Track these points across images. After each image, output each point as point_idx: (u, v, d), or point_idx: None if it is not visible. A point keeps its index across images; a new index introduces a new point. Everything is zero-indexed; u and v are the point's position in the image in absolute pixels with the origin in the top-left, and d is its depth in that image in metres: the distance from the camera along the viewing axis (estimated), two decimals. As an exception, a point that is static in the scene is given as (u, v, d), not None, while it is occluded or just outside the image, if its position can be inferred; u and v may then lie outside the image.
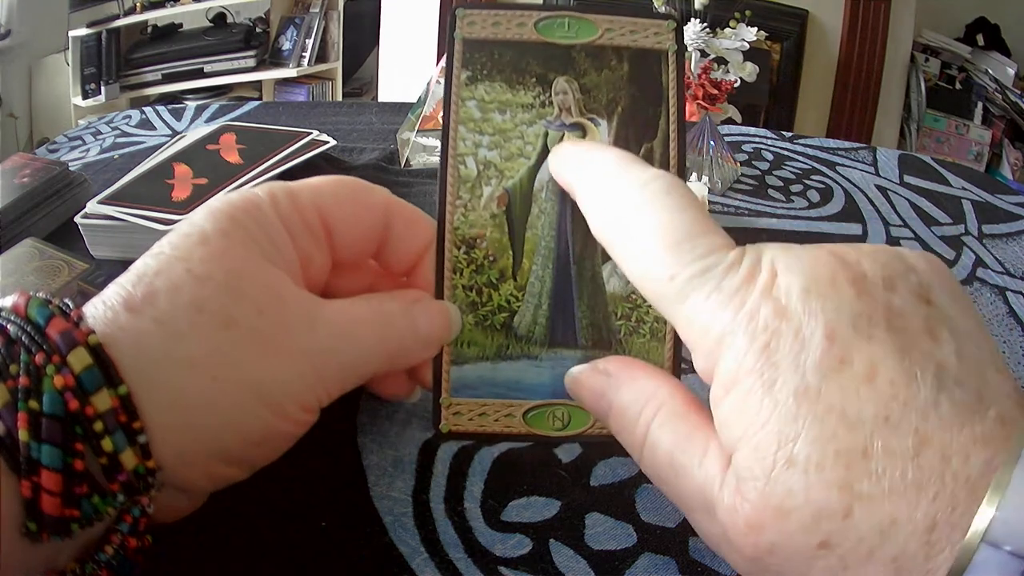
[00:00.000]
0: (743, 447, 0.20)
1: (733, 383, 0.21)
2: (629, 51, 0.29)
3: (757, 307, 0.21)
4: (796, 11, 1.83)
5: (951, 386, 0.19)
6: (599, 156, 0.26)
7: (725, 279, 0.21)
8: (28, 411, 0.20)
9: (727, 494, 0.21)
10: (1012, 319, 0.43)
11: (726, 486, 0.21)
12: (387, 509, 0.28)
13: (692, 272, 0.22)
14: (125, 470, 0.21)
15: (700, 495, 0.22)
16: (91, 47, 1.97)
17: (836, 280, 0.21)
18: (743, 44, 0.59)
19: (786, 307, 0.20)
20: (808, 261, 0.21)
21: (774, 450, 0.19)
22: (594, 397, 0.26)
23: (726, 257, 0.22)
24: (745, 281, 0.21)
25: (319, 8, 2.18)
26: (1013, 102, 1.98)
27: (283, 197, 0.26)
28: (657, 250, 0.23)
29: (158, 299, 0.22)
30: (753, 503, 0.20)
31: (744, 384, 0.20)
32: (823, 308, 0.20)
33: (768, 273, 0.21)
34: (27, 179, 0.48)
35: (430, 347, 0.27)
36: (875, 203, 0.56)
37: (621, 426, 0.25)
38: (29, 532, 0.19)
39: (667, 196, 0.23)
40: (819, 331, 0.20)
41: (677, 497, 0.24)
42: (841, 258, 0.21)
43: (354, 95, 2.33)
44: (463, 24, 0.29)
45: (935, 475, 0.18)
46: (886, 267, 0.21)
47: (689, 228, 0.23)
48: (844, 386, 0.19)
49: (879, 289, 0.21)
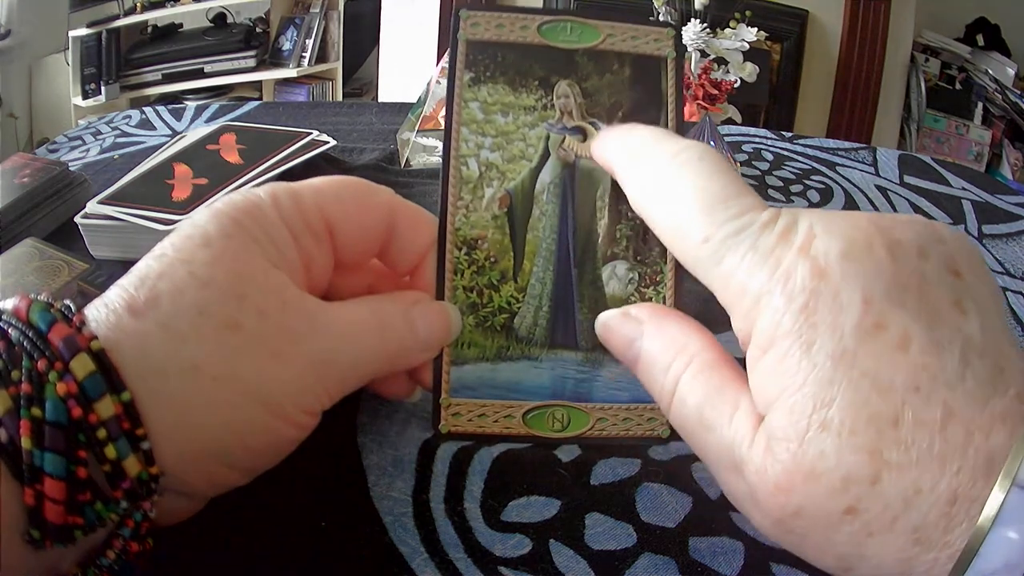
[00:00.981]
0: (778, 408, 0.20)
1: (771, 343, 0.21)
2: (630, 56, 0.29)
3: (794, 266, 0.21)
4: (796, 11, 1.83)
5: (976, 360, 0.19)
6: (636, 133, 0.26)
7: (760, 238, 0.22)
8: (31, 419, 0.19)
9: (757, 454, 0.21)
10: (1012, 319, 0.43)
11: (756, 445, 0.21)
12: (387, 509, 0.28)
13: (726, 232, 0.22)
14: (128, 477, 0.21)
15: (728, 452, 0.22)
16: (91, 47, 1.97)
17: (873, 245, 0.21)
18: (743, 44, 0.59)
19: (825, 268, 0.20)
20: (846, 225, 0.21)
21: (809, 412, 0.19)
22: (623, 344, 0.26)
23: (760, 216, 0.22)
24: (781, 239, 0.21)
25: (319, 8, 2.18)
26: (1013, 102, 1.98)
27: (286, 198, 0.26)
28: (691, 214, 0.23)
29: (161, 302, 0.22)
30: (784, 464, 0.20)
31: (782, 345, 0.20)
32: (861, 272, 0.20)
33: (805, 233, 0.21)
34: (27, 179, 0.48)
35: (430, 349, 0.27)
36: (875, 203, 0.56)
37: (650, 376, 0.25)
38: (32, 539, 0.19)
39: (700, 162, 0.24)
40: (857, 295, 0.20)
41: (704, 452, 0.23)
42: (877, 223, 0.21)
43: (354, 95, 2.33)
44: (466, 25, 0.29)
45: (959, 449, 0.18)
46: (920, 235, 0.21)
47: (722, 191, 0.23)
48: (879, 352, 0.19)
49: (913, 257, 0.21)
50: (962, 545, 0.18)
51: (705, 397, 0.23)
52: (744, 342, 0.22)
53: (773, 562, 0.27)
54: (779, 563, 0.27)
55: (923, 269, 0.21)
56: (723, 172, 0.23)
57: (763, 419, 0.21)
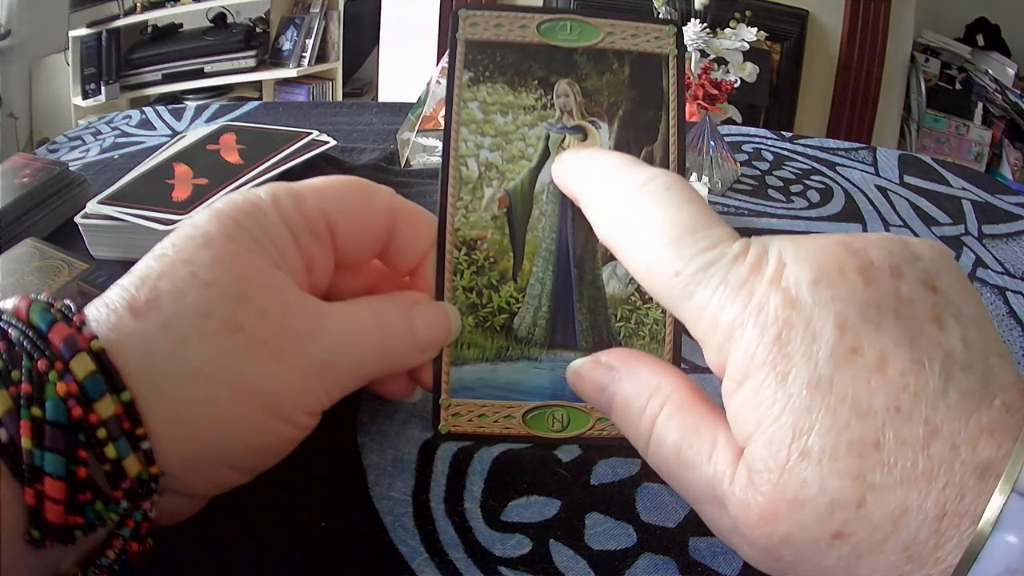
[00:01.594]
0: (756, 440, 0.20)
1: (745, 376, 0.21)
2: (630, 55, 0.29)
3: (766, 298, 0.21)
4: (796, 11, 1.83)
5: (958, 374, 0.19)
6: (599, 160, 0.26)
7: (731, 271, 0.21)
8: (31, 418, 0.19)
9: (739, 487, 0.21)
10: (1012, 319, 0.43)
11: (737, 480, 0.21)
12: (387, 509, 0.28)
13: (697, 266, 0.22)
14: (128, 477, 0.21)
15: (709, 488, 0.22)
16: (91, 47, 1.97)
17: (844, 269, 0.21)
18: (743, 44, 0.59)
19: (796, 298, 0.20)
20: (815, 251, 0.21)
21: (788, 442, 0.19)
22: (596, 391, 0.26)
23: (730, 249, 0.22)
24: (751, 271, 0.21)
25: (319, 8, 2.18)
26: (1013, 102, 1.98)
27: (286, 199, 0.25)
28: (660, 247, 0.23)
29: (162, 303, 0.22)
30: (767, 495, 0.20)
31: (757, 377, 0.20)
32: (833, 298, 0.20)
33: (775, 263, 0.21)
34: (27, 179, 0.48)
35: (429, 350, 0.27)
36: (875, 203, 0.56)
37: (625, 419, 0.25)
38: (32, 539, 0.19)
39: (667, 192, 0.23)
40: (830, 321, 0.20)
41: (684, 490, 0.23)
42: (848, 246, 0.21)
43: (354, 95, 2.33)
44: (465, 25, 0.29)
45: (944, 464, 0.18)
46: (892, 255, 0.21)
47: (691, 223, 0.23)
48: (856, 376, 0.19)
49: (886, 277, 0.21)
50: (954, 560, 0.18)
51: (682, 437, 0.23)
52: (719, 375, 0.22)
53: (773, 562, 0.27)
54: (779, 563, 0.27)
55: (898, 288, 0.20)
56: (692, 202, 0.23)
57: (743, 451, 0.21)
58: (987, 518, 0.18)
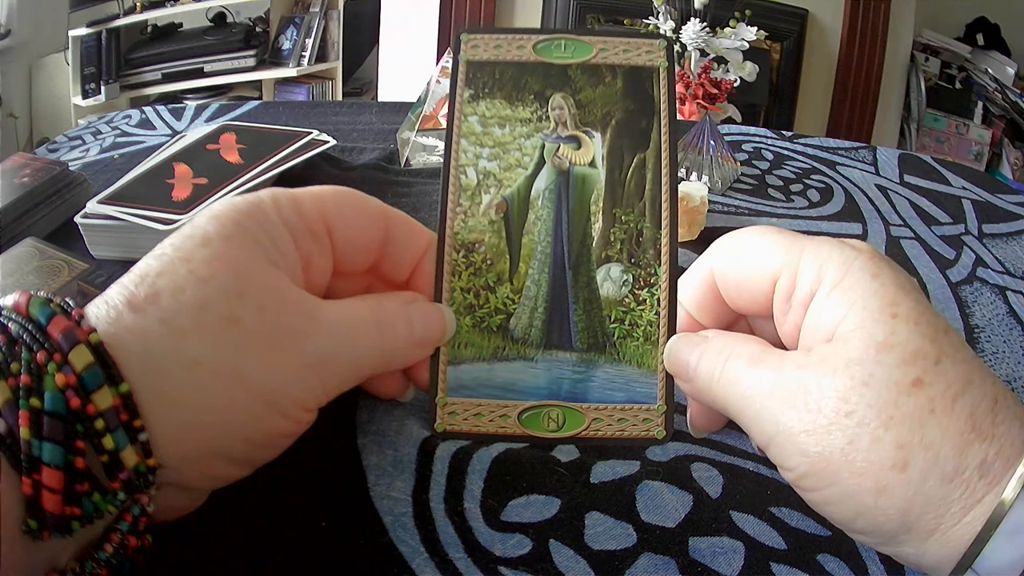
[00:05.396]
0: (849, 317, 0.24)
1: (839, 280, 0.24)
2: (623, 68, 0.30)
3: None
4: (796, 11, 1.83)
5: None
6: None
7: None
8: (29, 409, 0.20)
9: (823, 351, 0.24)
10: (1012, 319, 0.43)
11: (820, 349, 0.24)
12: (387, 509, 0.28)
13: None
14: (126, 468, 0.21)
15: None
16: (91, 47, 1.97)
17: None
18: (743, 44, 0.60)
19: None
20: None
21: (883, 307, 0.23)
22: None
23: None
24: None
25: (319, 8, 2.18)
26: (1013, 102, 1.98)
27: (286, 201, 0.26)
28: None
29: (161, 299, 0.22)
30: (857, 343, 0.23)
31: (848, 279, 0.24)
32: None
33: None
34: (27, 179, 0.49)
35: (425, 347, 0.28)
36: (875, 202, 0.56)
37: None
38: (30, 530, 0.19)
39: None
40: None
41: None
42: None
43: (354, 95, 2.33)
44: (467, 47, 0.30)
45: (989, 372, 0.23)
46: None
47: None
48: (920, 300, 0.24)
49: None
50: (1007, 440, 0.22)
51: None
52: (790, 336, 0.26)
53: (773, 562, 0.27)
54: (779, 563, 0.27)
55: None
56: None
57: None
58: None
